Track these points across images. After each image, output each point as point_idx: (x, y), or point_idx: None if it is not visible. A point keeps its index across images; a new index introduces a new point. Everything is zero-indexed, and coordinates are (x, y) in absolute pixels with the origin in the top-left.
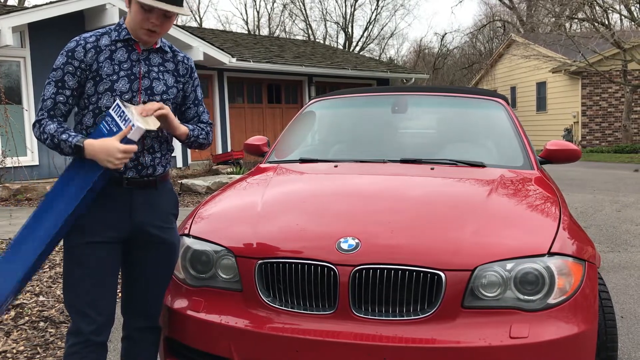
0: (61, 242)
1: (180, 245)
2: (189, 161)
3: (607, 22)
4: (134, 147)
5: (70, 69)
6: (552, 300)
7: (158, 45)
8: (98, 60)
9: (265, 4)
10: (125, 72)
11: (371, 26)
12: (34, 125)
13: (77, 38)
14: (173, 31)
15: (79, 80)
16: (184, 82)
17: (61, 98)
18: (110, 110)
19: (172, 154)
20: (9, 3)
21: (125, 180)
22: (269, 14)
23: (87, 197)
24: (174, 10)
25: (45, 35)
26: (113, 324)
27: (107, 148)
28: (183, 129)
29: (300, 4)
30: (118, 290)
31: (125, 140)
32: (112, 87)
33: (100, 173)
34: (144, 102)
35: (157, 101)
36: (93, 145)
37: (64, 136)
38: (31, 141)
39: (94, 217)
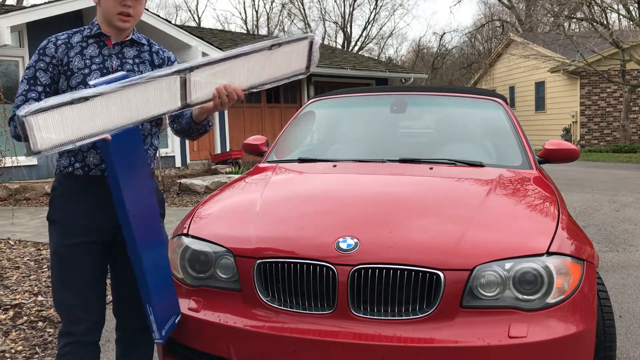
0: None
1: (179, 245)
2: (188, 161)
3: (605, 22)
4: None
5: (42, 65)
6: (550, 299)
7: (129, 37)
8: (68, 55)
9: (264, 3)
10: (97, 65)
11: (370, 26)
12: (8, 123)
13: (50, 37)
14: (172, 31)
15: (51, 76)
16: None
17: (33, 95)
18: None
19: (171, 154)
20: (7, 2)
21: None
22: (268, 14)
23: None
24: None
25: (43, 35)
26: (104, 324)
27: None
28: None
29: (299, 3)
30: (108, 292)
31: None
32: (85, 80)
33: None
34: None
35: None
36: None
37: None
38: None
39: (78, 218)
